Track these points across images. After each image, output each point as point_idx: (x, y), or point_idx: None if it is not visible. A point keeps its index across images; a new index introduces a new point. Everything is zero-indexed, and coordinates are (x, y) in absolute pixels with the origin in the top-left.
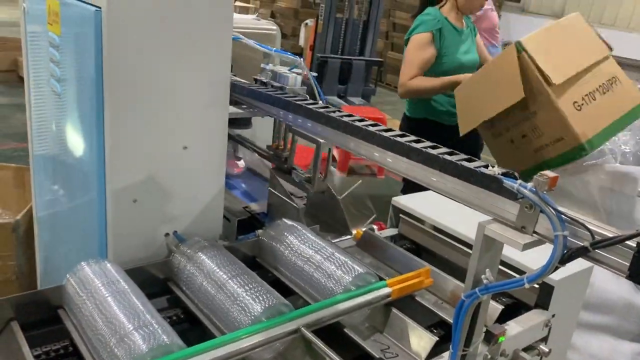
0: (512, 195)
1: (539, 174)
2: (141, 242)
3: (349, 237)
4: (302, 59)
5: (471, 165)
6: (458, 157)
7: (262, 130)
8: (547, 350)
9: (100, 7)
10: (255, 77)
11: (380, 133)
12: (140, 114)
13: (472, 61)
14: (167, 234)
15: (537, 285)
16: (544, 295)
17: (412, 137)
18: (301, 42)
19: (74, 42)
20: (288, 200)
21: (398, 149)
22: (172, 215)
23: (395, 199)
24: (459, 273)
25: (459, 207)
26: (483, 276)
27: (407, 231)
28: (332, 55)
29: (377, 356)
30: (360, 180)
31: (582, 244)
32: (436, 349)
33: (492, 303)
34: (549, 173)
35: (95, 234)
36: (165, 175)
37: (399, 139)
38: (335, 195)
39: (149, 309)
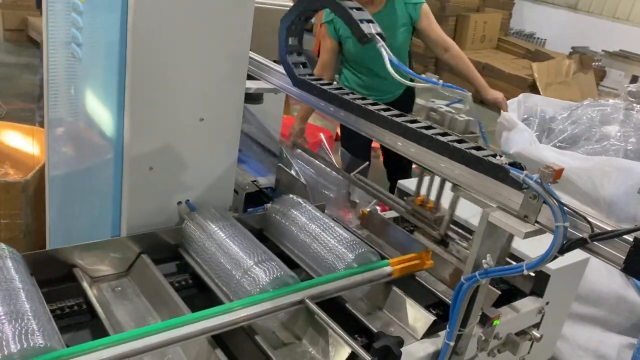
0: (517, 185)
1: (544, 166)
2: (155, 208)
3: (353, 217)
4: (467, 93)
5: (479, 153)
6: (467, 145)
7: (272, 105)
8: (538, 335)
9: None
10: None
11: (393, 118)
12: (161, 84)
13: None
14: (179, 202)
15: (533, 274)
16: (539, 283)
17: (423, 123)
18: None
19: (99, 10)
20: (296, 177)
21: (409, 134)
22: (185, 184)
23: (400, 181)
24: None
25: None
26: (484, 261)
27: None
28: None
29: (375, 331)
30: (367, 162)
31: (581, 236)
32: (433, 328)
33: (490, 288)
34: (555, 165)
35: (110, 198)
36: (181, 145)
37: (410, 124)
38: (346, 174)
39: (264, 250)
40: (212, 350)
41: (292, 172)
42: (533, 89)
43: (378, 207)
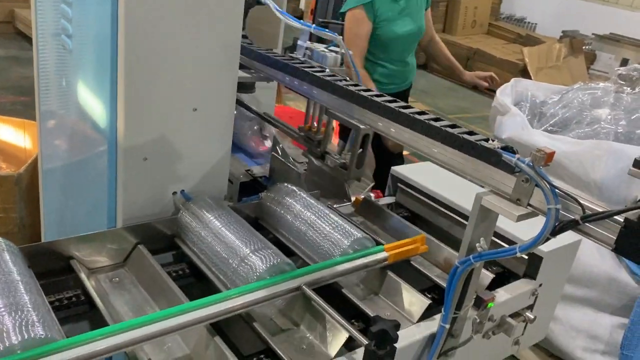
0: (509, 169)
1: (537, 149)
2: (150, 199)
3: (348, 203)
4: (337, 36)
5: (472, 138)
6: (459, 130)
7: (264, 95)
8: (532, 317)
9: None
10: (290, 54)
11: (385, 104)
12: (153, 74)
13: (409, 32)
14: (174, 193)
15: (526, 256)
16: (532, 266)
17: (416, 109)
18: (302, 5)
19: (89, 1)
20: (290, 165)
21: (402, 120)
22: (180, 174)
23: (394, 168)
24: (453, 241)
25: (455, 178)
26: (477, 244)
27: (404, 200)
28: (334, 21)
29: (371, 315)
30: (361, 149)
31: (573, 217)
32: (429, 312)
33: (483, 271)
34: (546, 149)
35: (105, 189)
36: (175, 136)
37: (403, 110)
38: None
39: (260, 238)
40: (211, 338)
41: (287, 161)
42: (524, 73)
43: (372, 194)
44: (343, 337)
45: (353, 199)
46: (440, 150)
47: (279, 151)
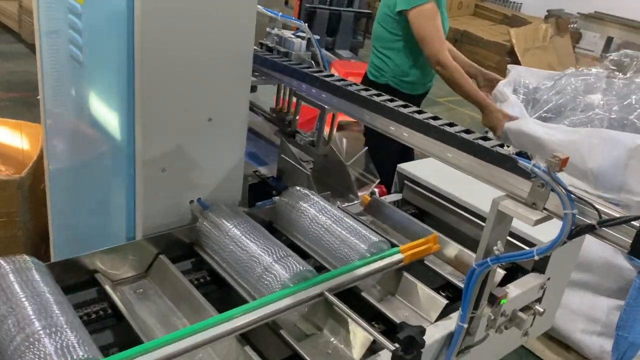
0: (525, 174)
1: (551, 155)
2: (168, 208)
3: (356, 202)
4: (302, 24)
5: (487, 144)
6: (474, 136)
7: (265, 94)
8: (541, 310)
9: None
10: (261, 41)
11: (398, 109)
12: (169, 88)
13: (448, 29)
14: (191, 201)
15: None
16: (541, 260)
17: (429, 114)
18: None
19: (101, 15)
20: (299, 167)
21: (416, 125)
22: (196, 183)
23: (400, 166)
24: (460, 238)
25: (461, 176)
26: (495, 247)
27: (411, 197)
28: (321, 6)
29: (392, 318)
30: (367, 147)
31: (589, 222)
32: (444, 311)
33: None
34: (561, 155)
35: (123, 200)
36: (191, 146)
37: (416, 115)
38: (344, 162)
39: (280, 245)
40: (241, 348)
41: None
42: (511, 54)
43: (376, 190)
44: (367, 341)
45: (360, 195)
46: (455, 155)
47: (287, 153)
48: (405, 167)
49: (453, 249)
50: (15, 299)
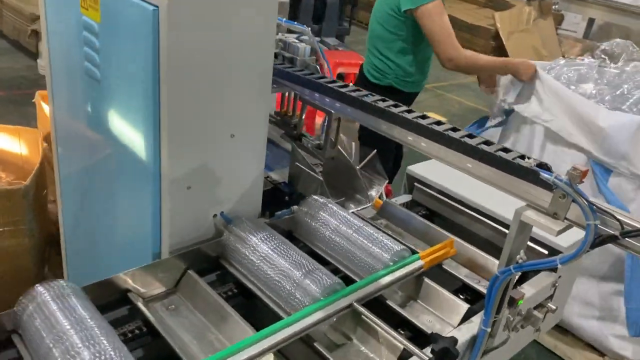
0: (547, 185)
1: (572, 167)
2: (193, 223)
3: (368, 205)
4: (306, 29)
5: (508, 156)
6: (495, 148)
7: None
8: (554, 307)
9: (157, 6)
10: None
11: (417, 120)
12: (194, 107)
13: None
14: (214, 215)
15: (546, 251)
16: None
17: (448, 125)
18: None
19: (123, 35)
20: (312, 173)
21: (436, 137)
22: (219, 197)
23: (410, 168)
24: (472, 238)
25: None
26: (518, 256)
27: (421, 198)
28: None
29: (420, 327)
30: (375, 150)
31: (612, 232)
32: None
33: None
34: (580, 167)
35: (149, 217)
36: (214, 162)
37: (435, 127)
38: (354, 166)
39: (307, 258)
40: None
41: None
42: (496, 38)
43: (383, 192)
44: (398, 350)
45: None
46: (474, 166)
47: (299, 159)
48: (415, 169)
49: (467, 251)
50: (60, 327)
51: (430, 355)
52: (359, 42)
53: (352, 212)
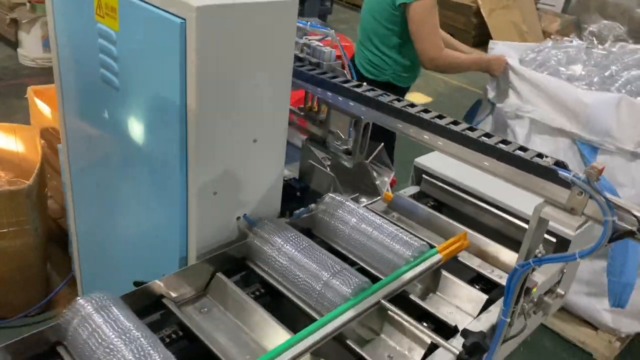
0: (565, 183)
1: (589, 166)
2: (218, 227)
3: (379, 198)
4: (333, 31)
5: (526, 155)
6: (512, 147)
7: None
8: (562, 293)
9: (185, 19)
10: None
11: (434, 120)
12: (220, 116)
13: None
14: (238, 218)
15: (554, 239)
16: (561, 248)
17: (465, 125)
18: None
19: (147, 45)
20: (324, 170)
21: (456, 138)
22: (243, 200)
23: (418, 160)
24: (481, 228)
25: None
26: (537, 250)
27: (430, 190)
28: None
29: (445, 320)
30: (383, 143)
31: (629, 228)
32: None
33: None
34: (597, 165)
35: (176, 223)
36: (239, 167)
37: (452, 126)
38: (364, 160)
39: (333, 259)
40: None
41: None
42: (477, 15)
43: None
44: (425, 344)
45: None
46: (492, 164)
47: (311, 156)
48: (422, 161)
49: (478, 241)
50: (108, 340)
51: (461, 349)
52: (339, 21)
53: (366, 207)
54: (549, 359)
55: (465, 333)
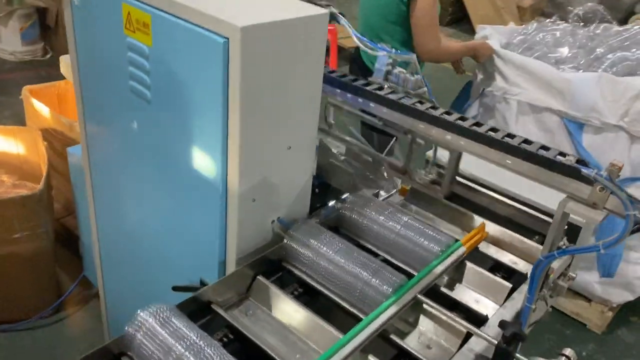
0: (587, 180)
1: (610, 164)
2: (255, 231)
3: (394, 192)
4: (413, 55)
5: (549, 154)
6: (535, 146)
7: None
8: (574, 275)
9: (228, 38)
10: (369, 79)
11: (457, 122)
12: (259, 125)
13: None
14: (272, 221)
15: (566, 226)
16: (572, 233)
17: (488, 126)
18: None
19: (186, 62)
20: (343, 167)
21: (477, 137)
22: (277, 205)
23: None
24: (493, 217)
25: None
26: (561, 243)
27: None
28: None
29: (475, 309)
30: (395, 137)
31: None
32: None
33: (537, 245)
34: (618, 162)
35: (216, 230)
36: (274, 173)
37: (477, 128)
38: (378, 155)
39: (370, 258)
40: (366, 356)
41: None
42: None
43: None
44: (461, 334)
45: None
46: (514, 163)
47: (329, 152)
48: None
49: (494, 230)
50: (177, 351)
51: (499, 339)
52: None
53: (388, 203)
54: (545, 331)
55: (503, 324)
